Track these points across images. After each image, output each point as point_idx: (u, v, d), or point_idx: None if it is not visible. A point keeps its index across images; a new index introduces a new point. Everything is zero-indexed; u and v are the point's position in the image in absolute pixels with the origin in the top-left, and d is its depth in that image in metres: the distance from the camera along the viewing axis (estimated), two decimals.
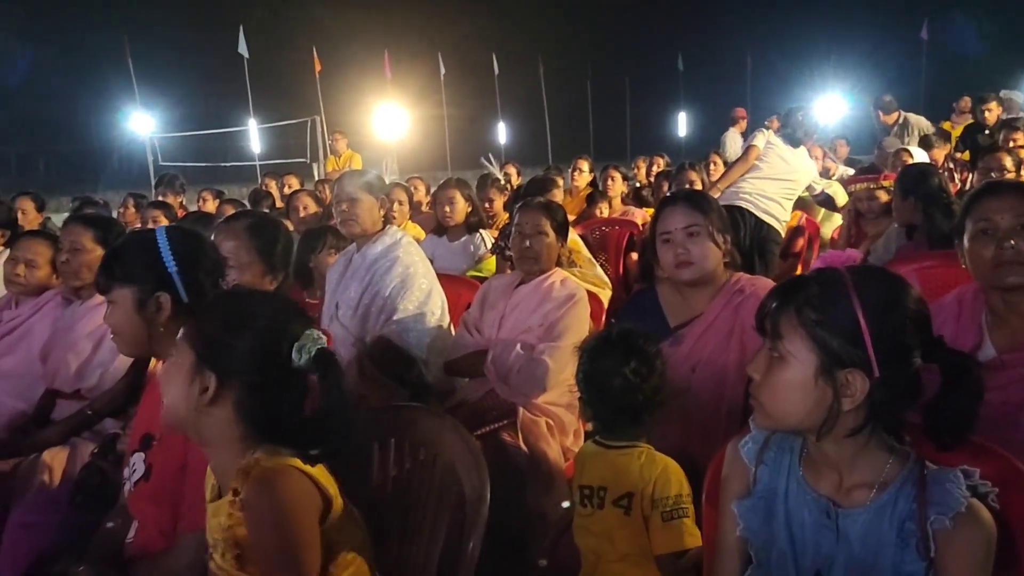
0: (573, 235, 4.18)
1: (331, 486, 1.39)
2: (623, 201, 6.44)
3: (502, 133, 22.24)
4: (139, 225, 5.17)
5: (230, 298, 1.47)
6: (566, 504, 2.13)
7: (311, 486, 1.35)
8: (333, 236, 3.48)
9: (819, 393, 1.22)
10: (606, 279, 3.86)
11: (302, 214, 4.91)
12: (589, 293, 3.01)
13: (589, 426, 2.92)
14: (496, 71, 21.74)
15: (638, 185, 8.03)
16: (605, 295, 3.63)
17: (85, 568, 1.69)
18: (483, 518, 1.55)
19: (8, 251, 3.20)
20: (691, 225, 2.24)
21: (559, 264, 2.97)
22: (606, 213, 5.93)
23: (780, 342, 1.23)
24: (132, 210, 5.95)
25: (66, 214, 5.05)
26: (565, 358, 2.72)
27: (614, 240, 5.14)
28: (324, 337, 1.41)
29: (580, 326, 2.81)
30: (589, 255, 4.19)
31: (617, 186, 6.30)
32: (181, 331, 1.41)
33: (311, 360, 1.36)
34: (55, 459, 2.52)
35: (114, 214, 5.92)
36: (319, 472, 1.37)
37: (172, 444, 1.72)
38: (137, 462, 1.79)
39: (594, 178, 7.14)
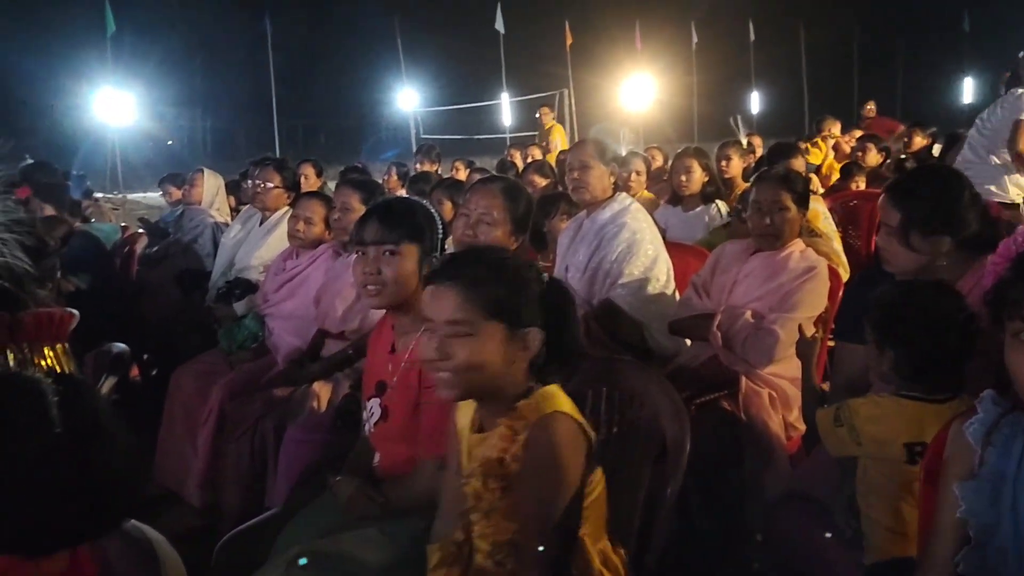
0: (819, 205, 3.99)
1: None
2: (883, 174, 6.01)
3: (754, 103, 21.34)
4: (400, 192, 5.67)
5: (488, 263, 1.52)
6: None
7: (580, 431, 1.46)
8: (566, 202, 3.61)
9: None
10: (843, 257, 3.65)
11: (530, 189, 5.09)
12: (830, 268, 2.88)
13: None
14: (751, 38, 20.83)
15: (902, 157, 7.41)
16: (844, 273, 3.44)
17: (342, 478, 1.96)
18: (682, 466, 1.60)
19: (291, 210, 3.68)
20: (885, 224, 2.08)
21: (799, 235, 2.87)
22: (862, 186, 5.58)
23: None
24: (395, 178, 6.53)
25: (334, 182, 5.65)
26: (797, 330, 2.65)
27: (866, 214, 4.81)
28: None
29: (816, 300, 2.71)
30: (832, 228, 3.97)
31: (870, 158, 5.87)
32: (466, 311, 1.44)
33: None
34: (322, 389, 2.90)
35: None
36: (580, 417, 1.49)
37: (406, 388, 1.95)
38: (373, 407, 2.01)
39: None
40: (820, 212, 3.91)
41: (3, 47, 19.33)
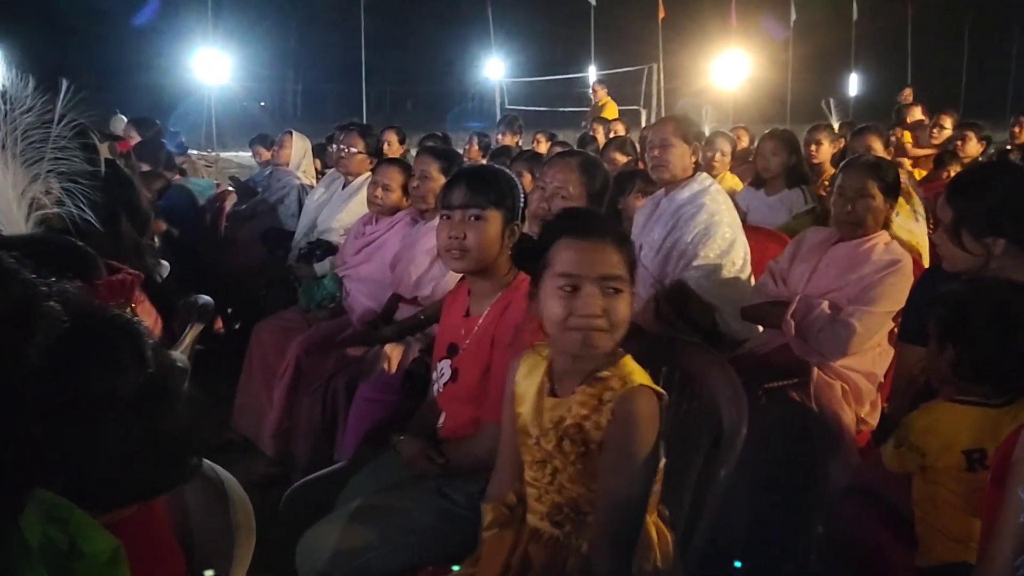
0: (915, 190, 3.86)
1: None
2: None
3: (853, 84, 20.52)
4: (480, 162, 5.71)
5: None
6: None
7: (660, 406, 1.46)
8: (642, 180, 3.57)
9: None
10: (924, 242, 3.51)
11: (610, 166, 5.06)
12: (915, 262, 2.79)
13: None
14: (855, 16, 19.99)
15: (1007, 148, 7.04)
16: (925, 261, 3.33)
17: (406, 438, 2.03)
18: (737, 450, 1.60)
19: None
20: (941, 221, 2.05)
21: (886, 226, 2.79)
22: None
23: None
24: (476, 148, 6.57)
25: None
26: (875, 324, 2.58)
27: None
28: None
29: (897, 295, 2.62)
30: (922, 212, 3.83)
31: (970, 148, 5.60)
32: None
33: None
34: (393, 352, 2.98)
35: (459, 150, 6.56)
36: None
37: (477, 352, 1.99)
38: (444, 368, 2.06)
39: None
40: (911, 199, 3.78)
41: (110, 8, 20.15)
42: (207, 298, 2.62)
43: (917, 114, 7.87)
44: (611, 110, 9.89)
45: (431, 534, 1.86)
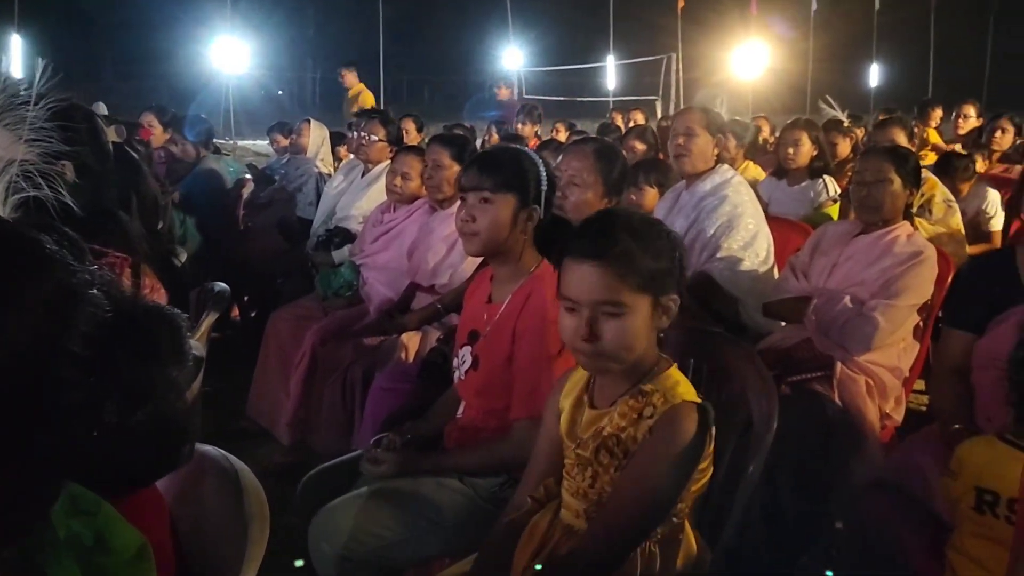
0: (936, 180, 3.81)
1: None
2: (1009, 157, 5.60)
3: (874, 75, 20.27)
4: None
5: (632, 232, 1.42)
6: None
7: (706, 421, 1.39)
8: (658, 173, 3.45)
9: None
10: (960, 229, 3.45)
11: (630, 155, 5.01)
12: (940, 253, 2.74)
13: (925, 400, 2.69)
14: (877, 6, 19.74)
15: None
16: (960, 253, 3.27)
17: (389, 436, 2.00)
18: (767, 444, 1.56)
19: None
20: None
21: (907, 217, 2.74)
22: (981, 168, 5.23)
23: None
24: (495, 136, 6.54)
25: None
26: (899, 318, 2.54)
27: None
28: None
29: (922, 287, 2.58)
30: (950, 197, 3.78)
31: (1007, 139, 5.49)
32: (616, 290, 1.38)
33: None
34: (410, 341, 2.97)
35: (479, 141, 6.52)
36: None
37: (499, 339, 1.94)
38: (465, 355, 2.02)
39: (981, 127, 6.30)
40: (940, 186, 3.75)
41: None
42: (223, 285, 2.60)
43: (938, 115, 7.74)
44: (367, 98, 9.32)
45: (451, 523, 1.83)
